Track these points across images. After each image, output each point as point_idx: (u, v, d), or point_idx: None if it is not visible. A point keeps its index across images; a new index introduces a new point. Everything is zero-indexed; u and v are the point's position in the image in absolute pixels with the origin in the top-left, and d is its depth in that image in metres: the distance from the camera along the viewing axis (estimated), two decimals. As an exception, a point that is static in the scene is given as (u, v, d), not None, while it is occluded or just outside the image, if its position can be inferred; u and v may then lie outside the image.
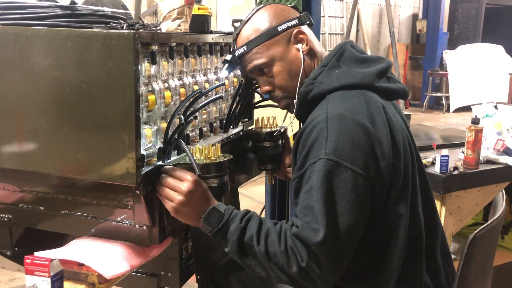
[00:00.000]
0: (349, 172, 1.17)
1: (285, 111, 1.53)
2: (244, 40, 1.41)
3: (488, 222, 1.37)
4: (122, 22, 1.28)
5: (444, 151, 2.22)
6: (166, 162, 1.34)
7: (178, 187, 1.26)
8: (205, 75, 1.63)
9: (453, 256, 1.51)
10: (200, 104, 1.41)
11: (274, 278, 1.22)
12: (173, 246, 1.56)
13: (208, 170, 1.35)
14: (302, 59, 1.39)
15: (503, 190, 1.65)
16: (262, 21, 1.40)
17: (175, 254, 1.63)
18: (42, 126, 1.28)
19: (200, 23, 1.61)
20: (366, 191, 1.20)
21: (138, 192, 1.26)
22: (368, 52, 7.72)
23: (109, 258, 1.28)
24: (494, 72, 9.17)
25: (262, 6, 1.44)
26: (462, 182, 2.27)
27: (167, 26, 1.50)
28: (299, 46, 1.40)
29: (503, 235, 3.05)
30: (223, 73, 1.51)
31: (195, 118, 1.56)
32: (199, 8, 1.61)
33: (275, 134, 1.79)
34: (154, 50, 1.29)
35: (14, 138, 1.32)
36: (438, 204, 2.24)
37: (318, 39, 1.58)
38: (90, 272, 1.25)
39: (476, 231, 1.31)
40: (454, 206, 2.30)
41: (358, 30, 10.88)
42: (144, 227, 1.30)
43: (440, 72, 10.20)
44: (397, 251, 1.29)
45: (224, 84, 1.73)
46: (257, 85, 1.84)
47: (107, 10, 1.38)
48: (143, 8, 7.15)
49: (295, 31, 1.40)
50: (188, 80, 1.52)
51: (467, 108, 5.81)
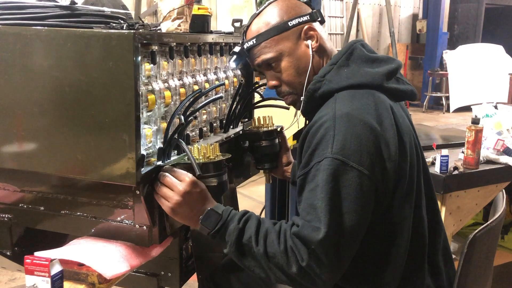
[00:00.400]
0: (354, 172, 1.17)
1: (284, 111, 1.53)
2: (254, 33, 1.40)
3: (488, 222, 1.37)
4: (122, 22, 1.28)
5: (444, 151, 2.22)
6: (166, 162, 1.34)
7: (176, 187, 1.26)
8: (205, 75, 1.63)
9: (453, 256, 1.51)
10: (200, 104, 1.41)
11: (273, 279, 1.21)
12: (173, 246, 1.56)
13: (207, 169, 1.35)
14: (311, 55, 1.38)
15: (503, 190, 1.65)
16: (273, 15, 1.39)
17: (175, 254, 1.63)
18: (42, 126, 1.28)
19: (200, 23, 1.61)
20: (371, 192, 1.19)
21: (138, 192, 1.26)
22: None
23: (109, 258, 1.28)
24: (494, 72, 9.18)
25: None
26: (462, 182, 2.27)
27: (167, 26, 1.50)
28: (309, 42, 1.39)
29: (503, 235, 3.05)
30: (231, 65, 1.50)
31: (195, 118, 1.56)
32: (199, 8, 1.61)
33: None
34: (154, 50, 1.29)
35: (14, 138, 1.32)
36: (438, 204, 2.24)
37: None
38: (90, 272, 1.25)
39: (476, 231, 1.31)
40: (454, 206, 2.30)
41: (358, 30, 10.89)
42: (144, 227, 1.30)
43: (440, 72, 10.19)
44: (400, 253, 1.28)
45: (224, 84, 1.73)
46: (257, 85, 1.85)
47: (107, 10, 1.38)
48: (143, 8, 7.17)
49: (305, 27, 1.39)
50: (188, 80, 1.51)
51: (467, 108, 5.81)
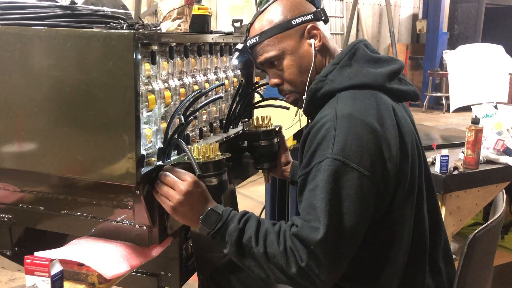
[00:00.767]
0: (355, 172, 1.16)
1: (284, 111, 1.53)
2: (257, 31, 1.40)
3: (488, 222, 1.37)
4: (122, 22, 1.28)
5: (444, 151, 2.22)
6: (166, 162, 1.34)
7: (177, 186, 1.26)
8: (205, 75, 1.63)
9: (453, 256, 1.51)
10: (200, 104, 1.41)
11: (273, 279, 1.22)
12: (173, 246, 1.56)
13: (207, 169, 1.35)
14: (314, 54, 1.38)
15: (503, 190, 1.65)
16: (276, 13, 1.39)
17: (175, 254, 1.63)
18: (42, 126, 1.28)
19: (200, 23, 1.61)
20: (371, 193, 1.19)
21: (138, 192, 1.26)
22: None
23: (109, 258, 1.28)
24: (494, 72, 9.17)
25: None
26: (462, 182, 2.27)
27: (167, 26, 1.50)
28: (312, 41, 1.38)
29: (503, 235, 3.04)
30: (233, 61, 1.50)
31: (195, 118, 1.56)
32: (199, 8, 1.61)
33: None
34: (154, 50, 1.29)
35: (14, 138, 1.32)
36: (439, 204, 2.24)
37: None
38: (90, 272, 1.25)
39: (476, 231, 1.31)
40: (454, 206, 2.30)
41: (358, 30, 10.89)
42: (144, 227, 1.30)
43: (440, 72, 10.19)
44: (400, 254, 1.28)
45: (224, 84, 1.73)
46: (257, 85, 1.85)
47: (107, 10, 1.38)
48: (143, 8, 7.16)
49: (309, 26, 1.38)
50: (188, 80, 1.51)
51: (467, 108, 5.82)
